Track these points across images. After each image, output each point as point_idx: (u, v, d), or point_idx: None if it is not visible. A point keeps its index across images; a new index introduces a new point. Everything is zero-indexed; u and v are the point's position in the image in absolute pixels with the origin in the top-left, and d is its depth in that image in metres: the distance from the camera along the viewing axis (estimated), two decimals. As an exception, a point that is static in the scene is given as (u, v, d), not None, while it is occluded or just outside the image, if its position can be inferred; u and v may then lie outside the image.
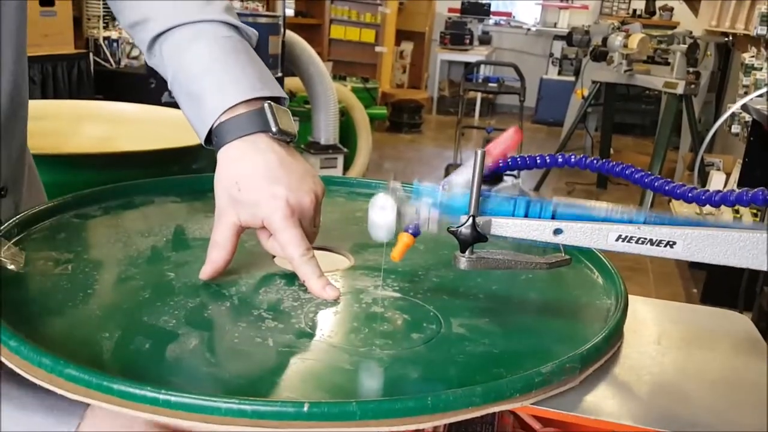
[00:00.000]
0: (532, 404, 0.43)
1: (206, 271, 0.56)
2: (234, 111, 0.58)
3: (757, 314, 2.08)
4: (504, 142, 0.51)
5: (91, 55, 3.14)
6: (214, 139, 0.59)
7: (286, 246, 0.56)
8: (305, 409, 0.37)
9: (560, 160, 0.61)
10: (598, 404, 0.45)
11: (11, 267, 0.55)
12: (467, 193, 0.50)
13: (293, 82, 3.72)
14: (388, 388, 0.43)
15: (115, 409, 0.38)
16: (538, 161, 0.62)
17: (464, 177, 0.52)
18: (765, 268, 0.47)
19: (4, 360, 0.43)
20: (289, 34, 3.23)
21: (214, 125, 0.59)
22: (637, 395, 0.47)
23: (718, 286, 2.76)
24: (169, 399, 0.37)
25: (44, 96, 2.73)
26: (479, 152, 0.50)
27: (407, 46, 7.09)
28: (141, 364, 0.44)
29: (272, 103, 0.59)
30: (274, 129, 0.58)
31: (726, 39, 4.57)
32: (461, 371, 0.45)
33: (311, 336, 0.49)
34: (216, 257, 0.57)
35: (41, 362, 0.40)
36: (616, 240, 0.49)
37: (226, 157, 0.58)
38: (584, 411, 0.44)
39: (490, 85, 4.56)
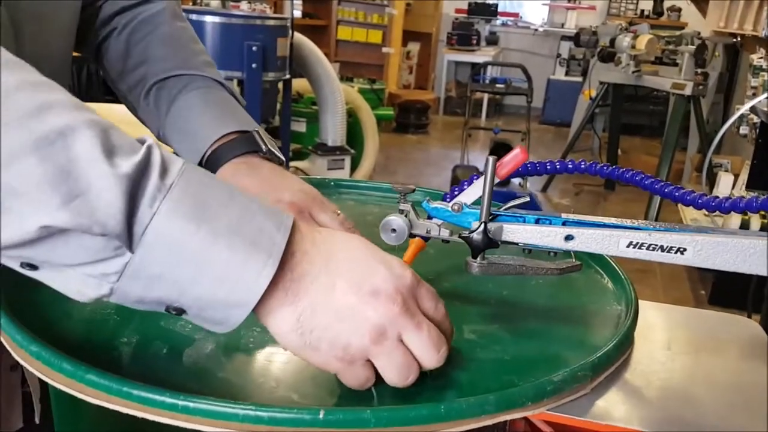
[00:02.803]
0: (545, 411, 0.43)
1: None
2: (225, 138, 0.63)
3: (765, 317, 2.07)
4: (510, 163, 0.51)
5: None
6: (207, 169, 0.62)
7: None
8: (321, 416, 0.38)
9: (570, 165, 0.61)
10: (609, 409, 0.45)
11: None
12: (476, 212, 0.51)
13: (301, 84, 3.74)
14: (400, 396, 0.44)
15: None
16: (549, 167, 0.62)
17: (472, 197, 0.53)
18: (774, 276, 0.47)
19: (25, 365, 0.44)
20: (297, 35, 3.24)
21: (207, 153, 0.63)
22: (647, 400, 0.47)
23: (726, 288, 2.75)
24: (188, 405, 0.38)
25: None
26: (491, 159, 0.51)
27: (414, 47, 7.09)
28: (159, 368, 0.44)
29: (260, 131, 0.65)
30: (264, 149, 0.63)
31: (734, 40, 4.55)
32: (473, 378, 0.46)
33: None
34: None
35: (62, 367, 0.41)
36: (627, 246, 0.50)
37: (223, 178, 0.61)
38: (595, 416, 0.44)
39: (498, 86, 4.57)
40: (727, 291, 2.76)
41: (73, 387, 0.41)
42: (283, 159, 0.65)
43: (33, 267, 0.38)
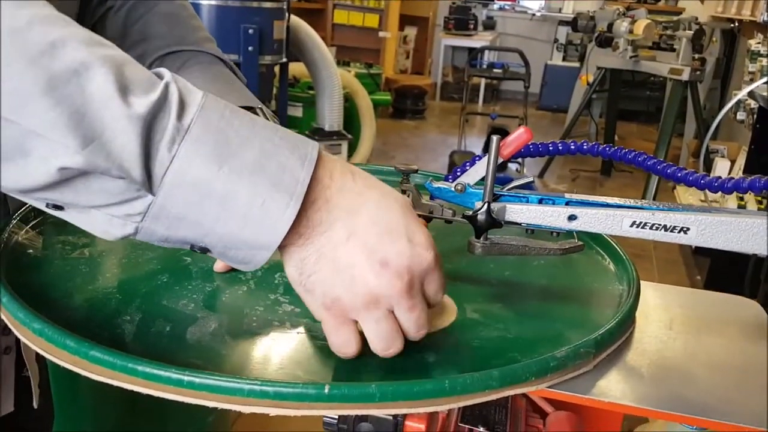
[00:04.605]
0: (547, 387, 0.44)
1: (221, 265, 0.56)
2: None
3: (762, 301, 2.09)
4: (514, 143, 0.51)
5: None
6: None
7: None
8: (326, 390, 0.38)
9: (573, 147, 0.61)
10: (611, 387, 0.45)
11: (30, 252, 0.55)
12: (479, 192, 0.51)
13: (297, 68, 3.71)
14: (404, 372, 0.44)
15: None
16: (551, 148, 0.62)
17: (475, 178, 0.53)
18: (778, 255, 0.47)
19: (28, 343, 0.44)
20: (294, 19, 3.22)
21: None
22: (648, 379, 0.48)
23: (722, 272, 2.76)
24: (193, 380, 0.38)
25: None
26: (494, 139, 0.51)
27: (411, 32, 7.05)
28: (162, 346, 0.44)
29: (263, 108, 0.64)
30: None
31: (732, 25, 4.54)
32: (476, 355, 0.46)
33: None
34: None
35: (65, 344, 0.41)
36: (631, 226, 0.50)
37: None
38: (597, 394, 0.44)
39: (495, 71, 4.55)
40: (722, 275, 2.76)
41: (78, 364, 0.41)
42: None
43: (59, 207, 0.38)
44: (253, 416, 0.39)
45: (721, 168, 3.33)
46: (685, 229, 0.48)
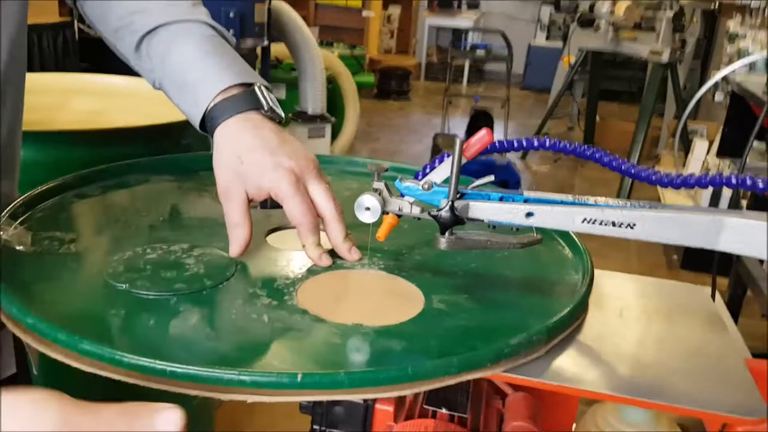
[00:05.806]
0: (503, 372, 0.48)
1: (235, 251, 0.60)
2: (227, 92, 0.63)
3: (733, 280, 2.15)
4: (476, 145, 0.55)
5: (75, 22, 3.11)
6: (208, 123, 0.63)
7: (294, 214, 0.59)
8: (299, 379, 0.41)
9: (536, 143, 0.65)
10: (563, 371, 0.49)
11: (20, 248, 0.58)
12: (446, 191, 0.54)
13: (279, 49, 3.70)
14: (373, 360, 0.48)
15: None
16: (516, 144, 0.66)
17: (442, 176, 0.57)
18: (714, 248, 0.51)
19: (21, 336, 0.47)
20: (275, 1, 3.20)
21: (209, 107, 0.63)
22: (598, 363, 0.52)
23: (697, 253, 2.82)
24: (175, 371, 0.41)
25: (30, 66, 2.71)
26: (458, 140, 0.54)
27: (395, 11, 7.02)
28: (146, 339, 0.48)
29: (262, 86, 0.64)
30: (265, 107, 0.63)
31: (712, 6, 4.58)
32: (440, 344, 0.50)
33: (303, 312, 0.53)
34: (240, 235, 0.60)
35: (57, 338, 0.44)
36: (582, 222, 0.53)
37: (224, 134, 0.62)
38: (549, 377, 0.48)
39: (478, 52, 4.57)
40: (698, 255, 2.84)
41: (68, 356, 0.44)
42: (283, 116, 0.65)
43: None
44: (240, 411, 0.43)
45: (699, 148, 3.38)
46: (631, 224, 0.52)
